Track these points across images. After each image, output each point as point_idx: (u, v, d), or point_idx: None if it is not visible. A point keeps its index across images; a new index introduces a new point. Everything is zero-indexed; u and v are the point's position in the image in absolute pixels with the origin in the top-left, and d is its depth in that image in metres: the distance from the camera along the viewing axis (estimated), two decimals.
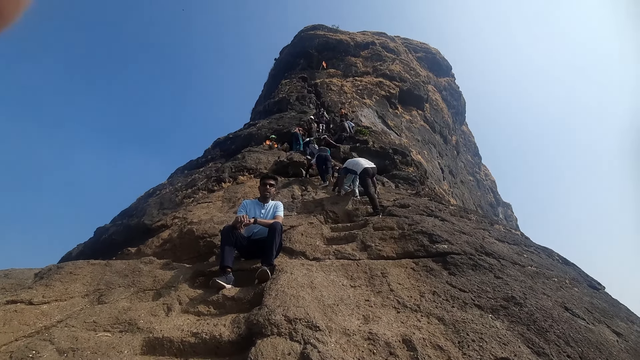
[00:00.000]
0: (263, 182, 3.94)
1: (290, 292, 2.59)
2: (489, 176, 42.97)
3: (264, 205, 3.80)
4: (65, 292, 2.84)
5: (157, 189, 11.37)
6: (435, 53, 36.03)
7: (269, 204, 3.83)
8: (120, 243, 7.40)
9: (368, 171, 5.99)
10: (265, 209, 3.77)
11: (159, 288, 2.94)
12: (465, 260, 3.33)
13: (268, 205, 3.80)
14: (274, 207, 3.85)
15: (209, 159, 13.61)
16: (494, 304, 2.70)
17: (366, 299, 2.77)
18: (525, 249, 4.19)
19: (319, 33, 29.46)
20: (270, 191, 3.89)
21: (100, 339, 2.21)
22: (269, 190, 3.87)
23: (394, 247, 3.76)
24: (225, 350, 2.19)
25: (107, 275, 3.14)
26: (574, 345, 2.36)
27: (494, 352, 2.18)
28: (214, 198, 7.60)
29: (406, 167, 10.86)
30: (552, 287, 3.22)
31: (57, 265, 3.28)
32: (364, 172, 5.96)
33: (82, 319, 2.44)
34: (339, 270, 3.27)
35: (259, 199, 3.92)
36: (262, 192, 3.91)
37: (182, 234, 4.95)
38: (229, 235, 3.23)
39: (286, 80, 24.12)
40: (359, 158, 6.80)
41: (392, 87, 23.80)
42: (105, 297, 2.82)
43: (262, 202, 3.85)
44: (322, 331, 2.17)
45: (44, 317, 2.48)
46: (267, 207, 3.79)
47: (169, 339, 2.23)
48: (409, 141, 19.94)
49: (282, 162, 9.43)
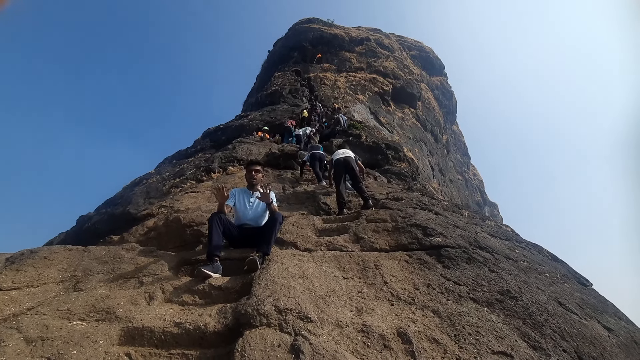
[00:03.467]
0: (248, 169, 3.77)
1: (281, 282, 2.47)
2: (477, 176, 43.58)
3: (253, 194, 3.65)
4: (37, 278, 2.64)
5: (144, 178, 11.06)
6: (429, 52, 36.14)
7: (258, 193, 3.68)
8: (104, 232, 7.13)
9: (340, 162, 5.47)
10: (253, 197, 3.62)
11: (141, 276, 2.78)
12: (459, 253, 3.27)
13: (257, 194, 3.65)
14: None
15: (198, 149, 13.32)
16: (489, 298, 2.64)
17: (359, 290, 2.68)
18: (516, 245, 4.17)
19: (314, 26, 29.16)
20: (256, 177, 3.73)
21: (73, 327, 2.04)
22: (255, 177, 3.72)
23: (387, 239, 3.68)
24: (210, 341, 2.06)
25: (85, 262, 2.95)
26: (569, 340, 2.32)
27: (491, 345, 2.11)
28: (203, 188, 7.40)
29: (398, 163, 10.83)
30: (545, 282, 3.19)
31: (31, 250, 3.07)
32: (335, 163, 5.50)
33: (55, 306, 2.26)
34: (331, 261, 3.17)
35: (247, 187, 3.77)
36: (248, 179, 3.76)
37: (168, 222, 4.76)
38: (217, 221, 3.07)
39: (279, 73, 23.83)
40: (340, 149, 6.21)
41: (385, 84, 23.78)
42: (82, 284, 2.64)
43: (250, 190, 3.70)
44: (313, 323, 2.06)
45: (13, 304, 2.29)
46: (255, 195, 3.64)
47: (150, 328, 2.08)
48: (401, 138, 19.99)
49: (273, 153, 9.26)
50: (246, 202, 3.57)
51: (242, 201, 3.57)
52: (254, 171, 3.74)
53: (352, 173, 5.37)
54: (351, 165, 5.40)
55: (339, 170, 5.37)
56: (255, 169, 3.75)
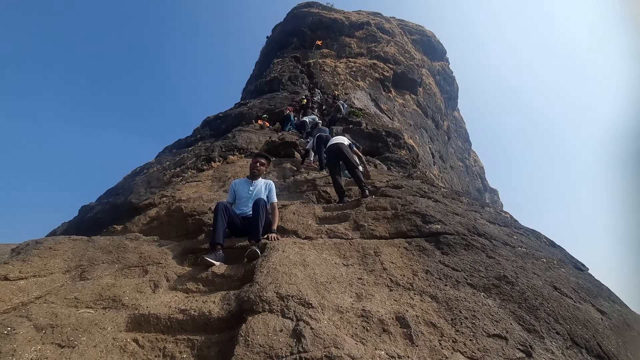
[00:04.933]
0: (254, 159, 3.89)
1: (282, 269, 2.53)
2: (478, 162, 43.50)
3: (253, 182, 3.74)
4: (44, 268, 2.71)
5: (145, 167, 11.06)
6: (431, 36, 35.46)
7: (258, 182, 3.76)
8: (106, 222, 7.20)
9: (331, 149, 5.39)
10: (253, 185, 3.70)
11: (145, 265, 2.84)
12: (458, 240, 3.32)
13: (257, 182, 3.74)
14: (265, 185, 3.79)
15: (198, 138, 13.26)
16: (486, 283, 2.70)
17: (359, 277, 2.74)
18: (515, 231, 4.21)
19: (313, 11, 28.54)
20: (259, 169, 3.83)
21: (81, 315, 2.11)
22: (258, 168, 3.81)
23: (387, 226, 3.73)
24: (214, 326, 2.13)
25: (89, 251, 3.02)
26: (562, 323, 2.39)
27: (486, 329, 2.18)
28: (204, 177, 7.42)
29: (399, 150, 10.81)
30: (542, 267, 3.25)
31: (36, 241, 3.13)
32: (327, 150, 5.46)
33: (63, 295, 2.33)
34: (332, 249, 3.22)
35: (248, 177, 3.86)
36: (251, 169, 3.86)
37: (170, 212, 4.81)
38: (223, 211, 3.16)
39: (278, 60, 23.45)
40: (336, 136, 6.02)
41: (386, 70, 23.45)
42: (87, 273, 2.71)
43: (250, 180, 3.78)
44: (314, 308, 2.12)
45: (21, 293, 2.36)
46: (255, 184, 3.73)
47: (156, 315, 2.15)
48: (401, 125, 19.86)
49: (273, 142, 9.25)
50: (245, 190, 3.67)
51: (242, 190, 3.68)
52: (259, 163, 3.84)
53: (345, 160, 5.25)
54: (343, 151, 5.28)
55: (332, 158, 5.31)
56: (261, 162, 3.86)
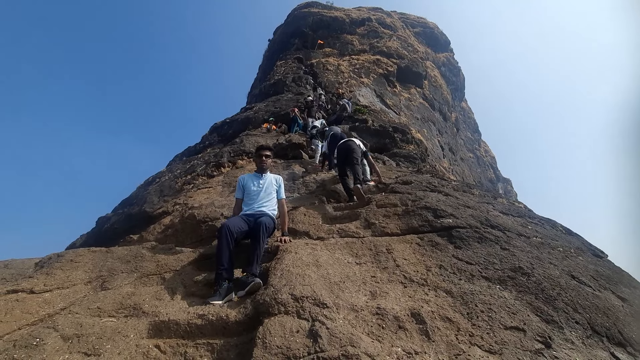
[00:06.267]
0: (258, 154, 3.85)
1: (296, 271, 2.56)
2: (489, 152, 42.81)
3: (262, 176, 3.74)
4: (67, 280, 2.81)
5: (157, 176, 11.26)
6: (433, 28, 35.06)
7: (267, 175, 3.77)
8: (123, 232, 7.37)
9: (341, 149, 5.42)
10: (263, 179, 3.70)
11: (162, 272, 2.91)
12: (470, 233, 3.30)
13: (266, 176, 3.74)
14: (275, 180, 3.79)
15: (206, 145, 13.43)
16: (501, 275, 2.68)
17: (372, 275, 2.75)
18: (529, 221, 4.15)
19: (313, 10, 28.55)
20: (267, 162, 3.81)
21: (105, 324, 2.19)
22: (266, 162, 3.80)
23: (398, 223, 3.72)
24: (232, 330, 2.17)
25: (109, 262, 3.11)
26: (582, 312, 2.36)
27: (503, 321, 2.16)
28: (214, 183, 7.52)
29: (407, 145, 10.73)
30: (558, 256, 3.20)
31: (58, 254, 3.25)
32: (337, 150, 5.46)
33: (86, 305, 2.42)
34: (344, 248, 3.24)
35: (256, 171, 3.84)
36: (258, 165, 3.84)
37: (183, 219, 4.91)
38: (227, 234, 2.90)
39: (281, 62, 23.55)
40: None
41: (389, 65, 23.28)
42: (108, 283, 2.79)
43: (259, 174, 3.78)
44: (329, 308, 2.14)
45: (47, 305, 2.46)
46: (264, 177, 3.73)
47: (175, 321, 2.21)
48: (408, 120, 19.70)
49: (281, 144, 9.30)
50: (254, 185, 3.65)
51: (251, 184, 3.66)
52: (265, 156, 3.82)
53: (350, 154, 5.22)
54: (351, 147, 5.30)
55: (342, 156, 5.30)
56: (265, 154, 3.83)
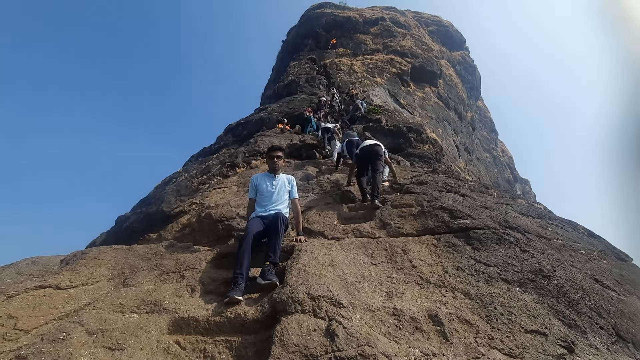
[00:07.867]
0: (270, 155, 3.88)
1: (312, 270, 2.57)
2: (506, 152, 41.80)
3: (275, 177, 3.77)
4: (91, 277, 2.91)
5: (173, 177, 11.51)
6: (448, 26, 34.52)
7: (280, 177, 3.80)
8: (141, 230, 7.56)
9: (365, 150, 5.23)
10: (276, 180, 3.73)
11: (182, 270, 2.98)
12: (489, 234, 3.24)
13: (279, 177, 3.77)
14: (288, 180, 3.82)
15: (221, 146, 13.63)
16: (521, 278, 2.62)
17: (388, 275, 2.74)
18: (549, 222, 4.04)
19: (326, 11, 28.57)
20: (278, 163, 3.84)
21: (127, 320, 2.26)
22: (277, 163, 3.83)
23: (413, 224, 3.69)
24: (250, 328, 2.21)
25: (130, 259, 3.21)
26: (606, 317, 2.28)
27: (524, 324, 2.12)
28: (229, 183, 7.63)
29: (421, 145, 10.61)
30: (580, 259, 3.10)
31: (82, 251, 3.37)
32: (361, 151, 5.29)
33: (109, 301, 2.50)
34: (359, 248, 3.24)
35: (269, 171, 3.87)
36: (271, 166, 3.85)
37: (200, 219, 5.00)
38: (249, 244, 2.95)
39: (294, 63, 23.67)
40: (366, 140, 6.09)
41: (403, 64, 23.06)
42: (129, 280, 2.88)
43: (272, 174, 3.80)
44: (346, 308, 2.15)
45: (72, 301, 2.56)
46: (277, 178, 3.75)
47: (195, 318, 2.26)
48: (423, 119, 19.45)
49: (295, 144, 9.36)
50: (268, 185, 3.68)
51: (264, 184, 3.69)
52: (276, 157, 3.85)
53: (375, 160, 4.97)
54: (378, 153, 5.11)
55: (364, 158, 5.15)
56: (277, 155, 3.86)
